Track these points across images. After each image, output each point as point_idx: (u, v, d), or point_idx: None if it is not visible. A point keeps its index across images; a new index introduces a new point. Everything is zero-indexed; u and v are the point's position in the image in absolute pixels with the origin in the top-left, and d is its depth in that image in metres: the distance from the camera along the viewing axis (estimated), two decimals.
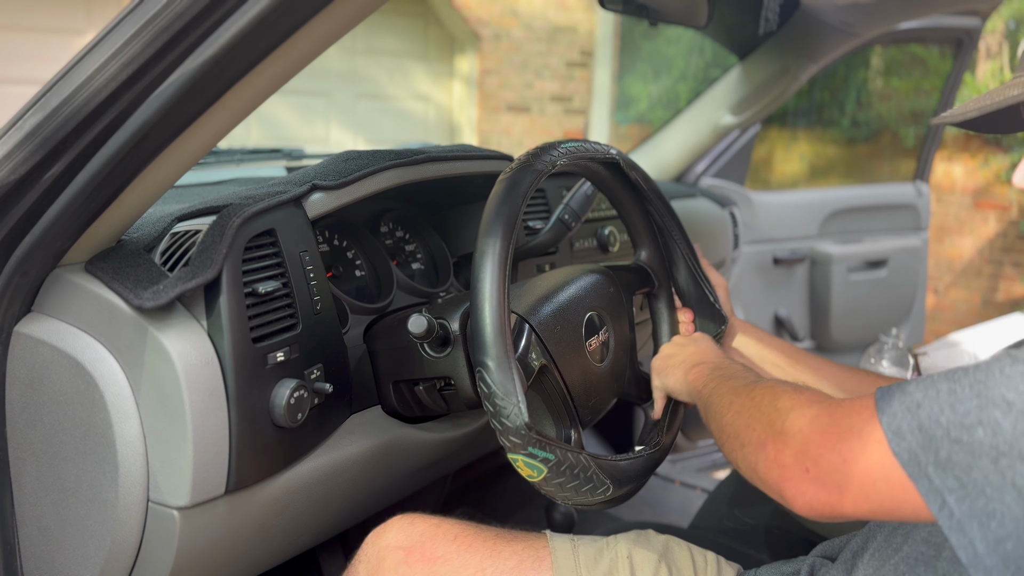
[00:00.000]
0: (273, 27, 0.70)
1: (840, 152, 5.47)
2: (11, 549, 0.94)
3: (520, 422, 0.83)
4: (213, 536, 0.90)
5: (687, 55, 6.41)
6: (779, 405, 0.73)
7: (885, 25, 2.20)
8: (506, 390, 0.84)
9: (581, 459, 0.87)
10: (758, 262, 2.62)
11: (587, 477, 0.88)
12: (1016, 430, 0.57)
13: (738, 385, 0.84)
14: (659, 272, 1.20)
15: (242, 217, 0.90)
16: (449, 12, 5.82)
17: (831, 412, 0.68)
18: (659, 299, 1.21)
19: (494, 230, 0.88)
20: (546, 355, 0.96)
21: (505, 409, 0.84)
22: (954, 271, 5.08)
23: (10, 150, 0.79)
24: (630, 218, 1.18)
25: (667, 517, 1.91)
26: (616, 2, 1.58)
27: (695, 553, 0.97)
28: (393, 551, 0.93)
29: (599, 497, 0.89)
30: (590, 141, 1.06)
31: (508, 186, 0.92)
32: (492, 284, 0.86)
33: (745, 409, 0.78)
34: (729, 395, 0.84)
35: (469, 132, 6.10)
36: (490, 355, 0.84)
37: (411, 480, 1.21)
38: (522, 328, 0.95)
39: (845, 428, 0.65)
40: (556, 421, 0.97)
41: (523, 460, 0.85)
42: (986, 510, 0.57)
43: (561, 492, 0.87)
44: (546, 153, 0.97)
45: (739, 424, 0.78)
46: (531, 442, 0.84)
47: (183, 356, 0.83)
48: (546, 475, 0.85)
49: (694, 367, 0.97)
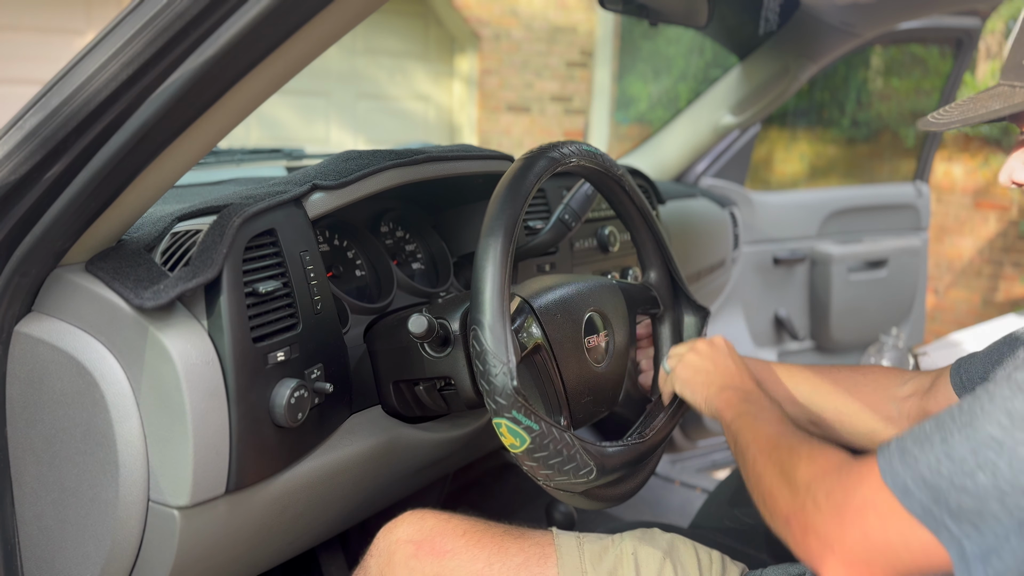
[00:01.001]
0: (273, 27, 0.70)
1: (840, 152, 5.47)
2: (11, 549, 0.94)
3: (507, 383, 0.83)
4: (213, 536, 0.90)
5: (687, 55, 6.41)
6: (798, 477, 0.74)
7: (885, 25, 2.20)
8: (497, 349, 0.83)
9: (566, 437, 0.87)
10: (758, 262, 2.62)
11: (570, 455, 0.87)
12: (1013, 467, 0.58)
13: (762, 433, 0.85)
14: (665, 297, 1.19)
15: (242, 217, 0.90)
16: (449, 12, 5.82)
17: (844, 485, 0.69)
18: (663, 323, 1.20)
19: (504, 207, 0.89)
20: (543, 336, 0.96)
21: (494, 368, 0.83)
22: (954, 271, 5.08)
23: (10, 150, 0.79)
24: (640, 238, 1.17)
25: (667, 517, 1.91)
26: (616, 2, 1.58)
27: (700, 552, 0.97)
28: (404, 545, 0.95)
29: (581, 479, 0.89)
30: (600, 152, 1.06)
31: (524, 166, 0.93)
32: (497, 252, 0.86)
33: (768, 472, 0.79)
34: (755, 446, 0.84)
35: (469, 132, 6.10)
36: (485, 314, 0.84)
37: (411, 480, 1.21)
38: (523, 308, 0.95)
39: (859, 502, 0.66)
40: (547, 406, 0.97)
41: (507, 426, 0.84)
42: (992, 547, 0.59)
43: (543, 469, 0.87)
44: (564, 147, 0.98)
45: (764, 488, 0.79)
46: (517, 406, 0.83)
47: (183, 356, 0.83)
48: (528, 446, 0.85)
49: (723, 391, 0.97)
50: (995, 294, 4.96)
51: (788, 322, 2.68)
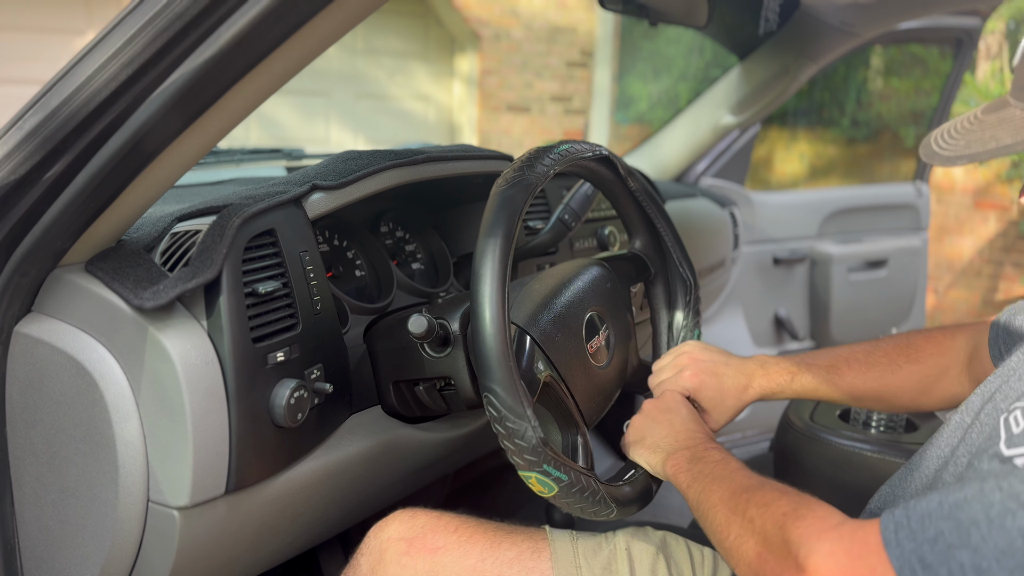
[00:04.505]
0: (273, 27, 0.70)
1: (840, 152, 5.47)
2: (11, 549, 0.94)
3: (535, 441, 0.84)
4: (213, 536, 0.90)
5: (687, 55, 6.41)
6: (789, 537, 0.70)
7: (885, 25, 2.20)
8: (516, 412, 0.83)
9: (592, 483, 0.89)
10: (758, 262, 2.62)
11: (595, 500, 0.90)
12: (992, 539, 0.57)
13: (726, 494, 0.81)
14: (654, 259, 1.21)
15: (242, 217, 0.90)
16: (449, 12, 5.82)
17: (847, 550, 0.65)
18: (656, 286, 1.22)
19: (490, 249, 0.86)
20: (550, 366, 0.96)
21: (518, 431, 0.84)
22: (954, 271, 5.08)
23: (10, 150, 0.79)
24: (623, 209, 1.18)
25: (667, 517, 1.90)
26: (616, 2, 1.58)
27: (692, 548, 0.98)
28: (395, 543, 0.95)
29: (602, 516, 0.92)
30: (579, 142, 1.06)
31: (501, 203, 0.90)
32: (492, 306, 0.85)
33: (748, 535, 0.75)
34: (724, 510, 0.80)
35: (469, 132, 6.10)
36: (495, 379, 0.84)
37: (411, 480, 1.21)
38: (523, 340, 0.95)
39: (864, 571, 0.63)
40: (562, 428, 0.98)
41: (536, 478, 0.86)
42: None
43: (568, 509, 0.90)
44: (538, 163, 0.95)
45: (746, 552, 0.75)
46: (546, 459, 0.85)
47: (183, 356, 0.83)
48: (557, 493, 0.87)
49: (672, 455, 0.94)
50: (995, 294, 4.96)
51: (788, 322, 2.68)
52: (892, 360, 1.08)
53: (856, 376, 1.08)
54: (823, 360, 1.09)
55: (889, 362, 1.08)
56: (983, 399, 0.81)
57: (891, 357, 1.08)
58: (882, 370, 1.08)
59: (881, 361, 1.08)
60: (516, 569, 0.93)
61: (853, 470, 1.34)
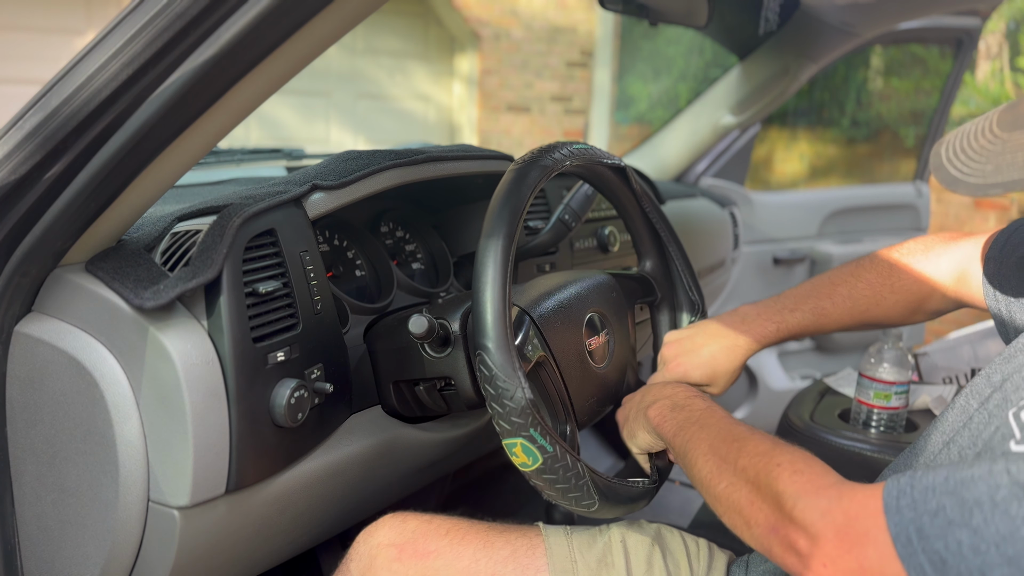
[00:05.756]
0: (273, 27, 0.70)
1: (840, 152, 5.47)
2: (11, 549, 0.94)
3: (524, 403, 0.82)
4: (213, 536, 0.90)
5: (687, 55, 6.41)
6: (784, 490, 0.70)
7: (885, 25, 2.20)
8: (507, 372, 0.83)
9: (578, 466, 0.87)
10: (758, 262, 2.62)
11: (578, 485, 0.87)
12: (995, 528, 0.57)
13: (715, 442, 0.80)
14: (662, 283, 1.20)
15: (242, 217, 0.90)
16: (449, 12, 5.82)
17: (844, 510, 0.65)
18: (661, 311, 1.21)
19: (499, 221, 0.88)
20: (545, 348, 0.96)
21: (508, 391, 0.82)
22: None
23: (10, 150, 0.79)
24: (635, 227, 1.18)
25: (667, 517, 1.90)
26: (616, 2, 1.58)
27: (687, 539, 0.98)
28: (385, 549, 0.93)
29: (583, 508, 0.89)
30: (597, 147, 1.06)
31: (515, 178, 0.91)
32: (495, 271, 0.85)
33: (740, 484, 0.75)
34: (713, 459, 0.79)
35: (469, 132, 6.10)
36: (490, 337, 0.83)
37: (411, 480, 1.21)
38: (522, 320, 0.95)
39: (860, 532, 0.64)
40: (552, 416, 0.97)
41: (522, 445, 0.84)
42: None
43: (548, 489, 0.87)
44: (556, 151, 0.97)
45: (738, 499, 0.74)
46: (535, 424, 0.83)
47: (183, 356, 0.83)
48: (540, 466, 0.85)
49: (651, 406, 0.95)
50: None
51: None
52: (876, 292, 1.10)
53: (843, 313, 1.11)
54: (807, 303, 1.10)
55: (873, 294, 1.10)
56: (991, 386, 0.80)
57: (875, 289, 1.10)
58: (867, 303, 1.10)
59: (865, 294, 1.10)
60: (511, 567, 0.92)
61: (853, 470, 1.33)
